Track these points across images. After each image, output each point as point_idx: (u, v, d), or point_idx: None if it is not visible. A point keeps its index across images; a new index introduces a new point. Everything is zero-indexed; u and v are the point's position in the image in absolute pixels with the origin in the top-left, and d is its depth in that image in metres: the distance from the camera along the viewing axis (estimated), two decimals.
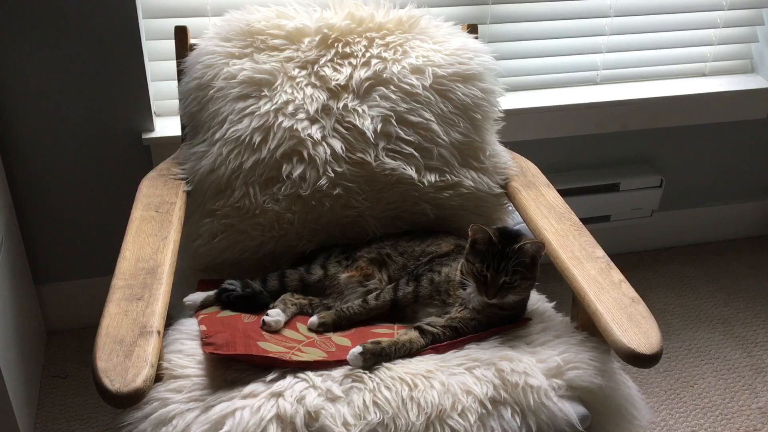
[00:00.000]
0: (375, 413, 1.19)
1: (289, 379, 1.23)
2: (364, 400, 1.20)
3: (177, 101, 1.74)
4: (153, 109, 1.98)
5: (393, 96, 1.60)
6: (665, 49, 2.34)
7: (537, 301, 1.49)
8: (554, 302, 1.51)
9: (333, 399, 1.21)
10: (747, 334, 2.28)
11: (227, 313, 1.42)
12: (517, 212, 1.72)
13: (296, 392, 1.21)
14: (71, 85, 1.88)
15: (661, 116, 2.35)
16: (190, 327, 1.38)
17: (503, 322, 1.40)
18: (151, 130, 1.98)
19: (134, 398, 1.06)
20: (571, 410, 1.23)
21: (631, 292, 1.29)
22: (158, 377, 1.23)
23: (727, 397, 2.05)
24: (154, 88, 1.98)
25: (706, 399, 2.04)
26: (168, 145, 1.94)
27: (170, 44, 1.75)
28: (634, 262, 2.57)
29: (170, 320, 1.49)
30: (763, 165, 2.59)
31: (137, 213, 1.47)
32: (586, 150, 2.38)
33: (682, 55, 2.37)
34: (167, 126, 2.00)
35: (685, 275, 2.52)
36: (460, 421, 1.19)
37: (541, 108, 2.23)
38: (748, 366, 2.15)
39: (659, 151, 2.44)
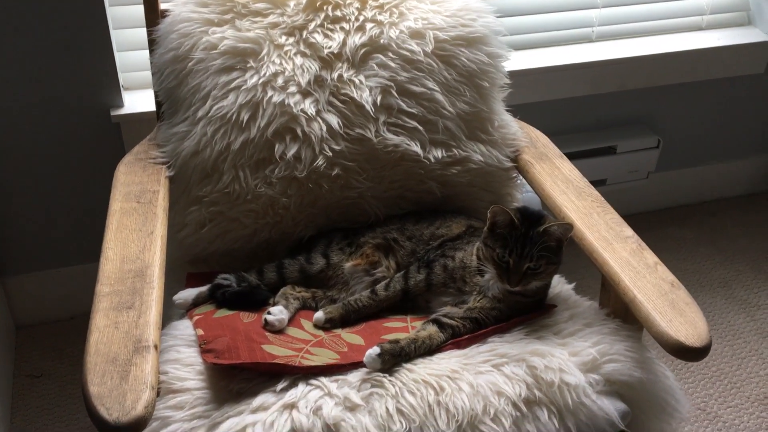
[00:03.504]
0: (400, 422, 1.08)
1: (301, 387, 1.12)
2: (387, 408, 1.10)
3: (147, 73, 1.58)
4: (121, 82, 1.81)
5: (392, 64, 1.46)
6: (662, 2, 2.23)
7: (557, 283, 1.39)
8: (574, 283, 1.41)
9: (352, 408, 1.10)
10: (749, 297, 2.23)
11: (224, 312, 1.30)
12: (526, 184, 1.61)
13: (311, 402, 1.09)
14: (28, 59, 1.69)
15: (658, 74, 2.25)
16: (184, 331, 1.25)
17: (526, 311, 1.29)
18: (120, 105, 1.81)
19: (136, 428, 0.93)
20: (612, 408, 1.14)
21: (669, 275, 1.20)
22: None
23: (734, 364, 2.00)
24: (120, 59, 1.80)
25: (713, 367, 1.98)
26: (140, 122, 1.78)
27: (136, 10, 1.58)
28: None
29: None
30: (759, 120, 2.52)
31: (116, 204, 1.31)
32: (582, 112, 2.27)
33: (679, 8, 2.27)
34: (138, 101, 1.82)
35: (681, 237, 2.46)
36: (494, 426, 1.09)
37: (534, 69, 2.10)
38: (753, 330, 2.11)
39: (656, 110, 2.35)
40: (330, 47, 1.46)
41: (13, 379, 1.89)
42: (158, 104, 1.53)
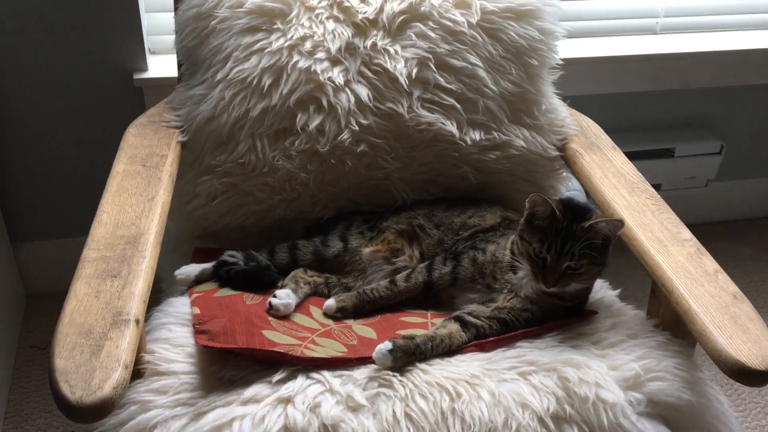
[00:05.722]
0: (407, 429, 0.95)
1: (300, 381, 1.00)
2: (393, 412, 0.97)
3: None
4: (147, 45, 1.71)
5: (432, 34, 1.33)
6: None
7: (600, 287, 1.24)
8: (619, 289, 1.26)
9: (355, 408, 0.97)
10: None
11: (226, 291, 1.18)
12: (572, 179, 1.46)
13: (309, 398, 0.97)
14: (49, 19, 1.61)
15: (725, 73, 2.08)
16: (180, 308, 1.14)
17: (562, 315, 1.15)
18: (145, 69, 1.72)
19: (100, 411, 0.82)
20: None
21: (731, 285, 1.04)
22: (138, 373, 0.99)
23: None
24: (148, 20, 1.71)
25: None
26: (164, 87, 1.68)
27: None
28: None
29: (159, 296, 1.25)
30: None
31: (120, 166, 1.21)
32: (640, 109, 2.11)
33: (752, 4, 2.10)
34: (164, 65, 1.73)
35: (739, 253, 2.27)
36: None
37: (590, 59, 1.96)
38: None
39: (721, 113, 2.18)
40: (365, 12, 1.35)
41: (17, 349, 1.81)
42: (179, 65, 1.43)
